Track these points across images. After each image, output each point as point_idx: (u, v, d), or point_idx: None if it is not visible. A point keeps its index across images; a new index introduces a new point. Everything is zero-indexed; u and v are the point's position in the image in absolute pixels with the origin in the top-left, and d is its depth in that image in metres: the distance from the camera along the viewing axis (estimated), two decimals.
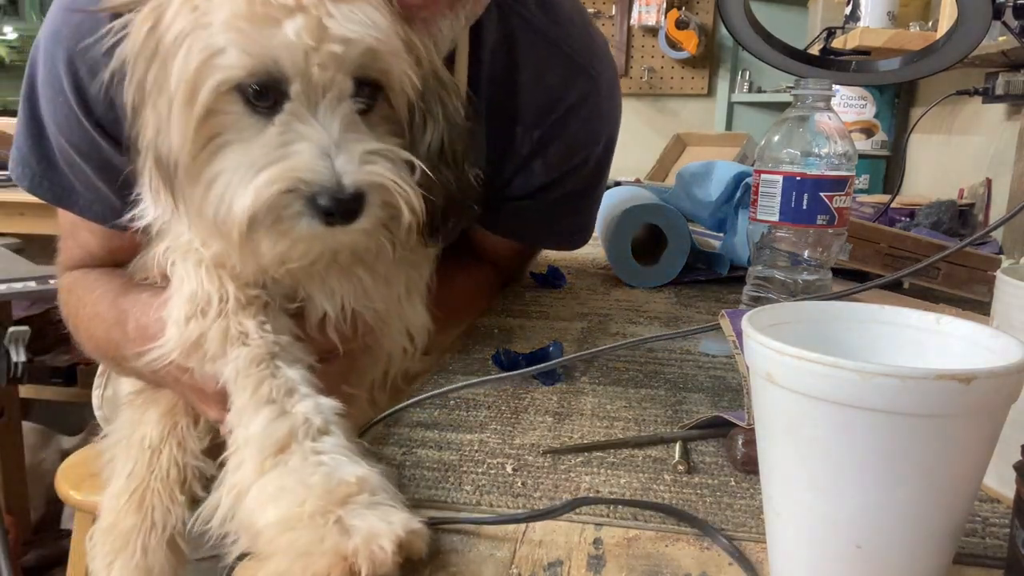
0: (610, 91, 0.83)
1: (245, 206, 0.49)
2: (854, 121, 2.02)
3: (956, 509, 0.33)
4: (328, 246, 0.54)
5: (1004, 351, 0.35)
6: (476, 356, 0.72)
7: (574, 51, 0.79)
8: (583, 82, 0.79)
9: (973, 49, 0.69)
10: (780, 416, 0.34)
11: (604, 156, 0.87)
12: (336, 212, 0.49)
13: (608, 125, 0.85)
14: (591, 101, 0.81)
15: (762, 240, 0.76)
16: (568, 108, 0.79)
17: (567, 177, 0.84)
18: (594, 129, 0.83)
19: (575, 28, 0.80)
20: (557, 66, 0.78)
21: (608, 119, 0.85)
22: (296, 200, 0.49)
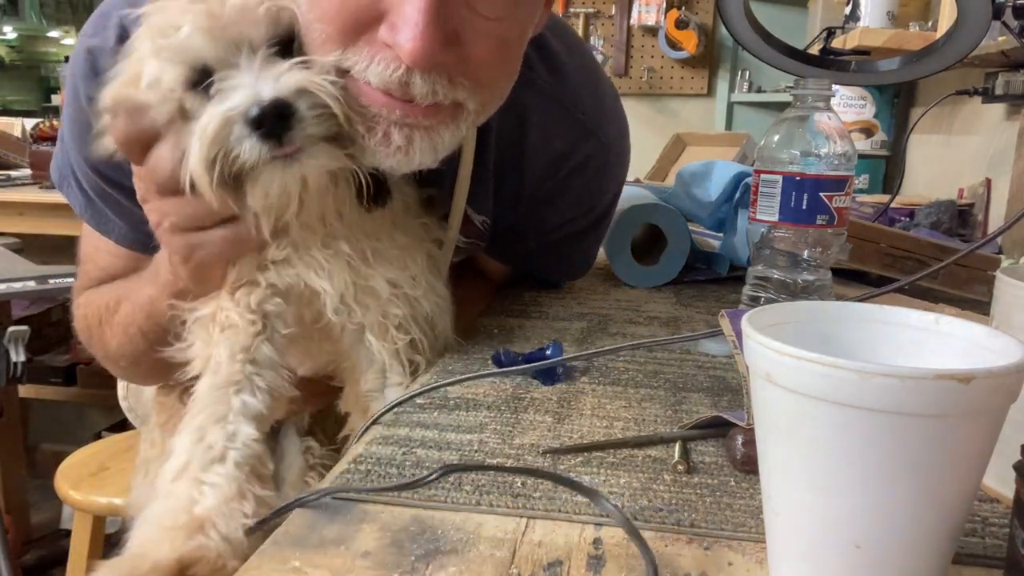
0: (619, 151, 0.86)
1: (195, 151, 0.55)
2: (854, 121, 2.03)
3: (956, 509, 0.33)
4: (291, 180, 0.57)
5: (1004, 351, 0.35)
6: (476, 356, 0.72)
7: (585, 116, 0.81)
8: (591, 145, 0.82)
9: (973, 49, 0.69)
10: (780, 416, 0.34)
11: (612, 202, 0.91)
12: (266, 121, 0.53)
13: (617, 179, 0.89)
14: (598, 161, 0.83)
15: (762, 240, 0.76)
16: (574, 167, 0.82)
17: (573, 223, 0.87)
18: (601, 186, 0.86)
19: (586, 91, 0.82)
20: (566, 129, 0.80)
21: (616, 175, 0.88)
22: (232, 126, 0.54)
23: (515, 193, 0.83)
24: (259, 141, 0.54)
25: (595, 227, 0.92)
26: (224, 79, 0.55)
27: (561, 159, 0.81)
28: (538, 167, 0.81)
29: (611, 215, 0.93)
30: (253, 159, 0.55)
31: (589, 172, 0.83)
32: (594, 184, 0.85)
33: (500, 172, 0.80)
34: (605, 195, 0.88)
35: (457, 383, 0.64)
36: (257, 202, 0.58)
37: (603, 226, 0.94)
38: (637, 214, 1.00)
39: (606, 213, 0.92)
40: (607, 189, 0.88)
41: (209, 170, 0.55)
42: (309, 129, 0.55)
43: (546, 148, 0.80)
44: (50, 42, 4.41)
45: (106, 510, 1.43)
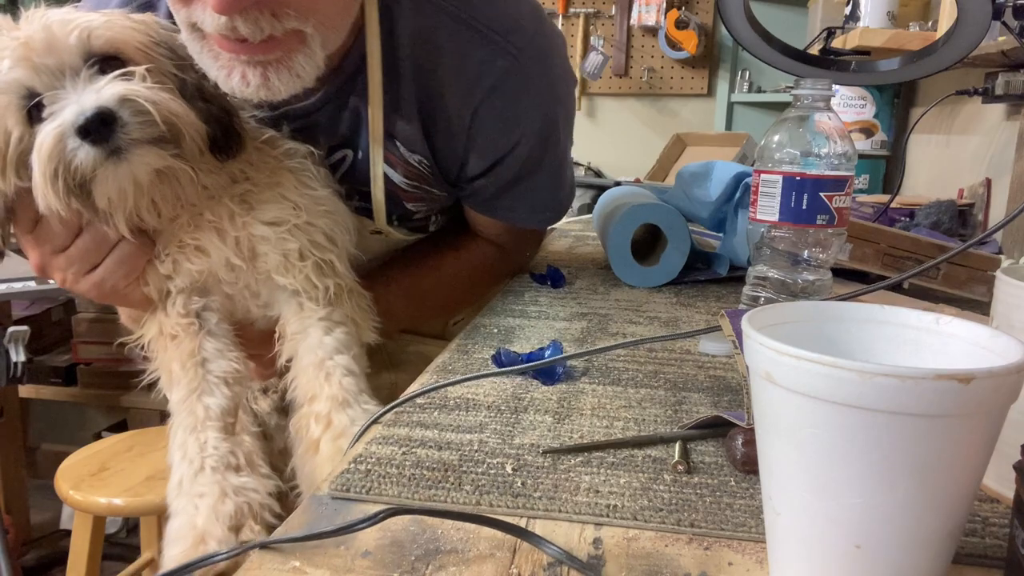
0: (540, 66, 0.81)
1: (37, 170, 0.59)
2: (854, 121, 2.03)
3: (956, 509, 0.33)
4: (125, 180, 0.62)
5: (1004, 351, 0.35)
6: (476, 356, 0.72)
7: (496, 34, 0.78)
8: (505, 63, 0.79)
9: (973, 49, 0.69)
10: (780, 416, 0.34)
11: (548, 131, 0.86)
12: (92, 129, 0.58)
13: (541, 99, 0.83)
14: (515, 80, 0.80)
15: (762, 240, 0.76)
16: (490, 88, 0.79)
17: (513, 155, 0.84)
18: (524, 107, 0.82)
19: (495, 8, 0.79)
20: (477, 49, 0.78)
21: (540, 93, 0.83)
22: (65, 140, 0.58)
23: (447, 127, 0.81)
24: (90, 148, 0.59)
25: (544, 165, 0.88)
26: (52, 101, 0.60)
27: (476, 81, 0.79)
28: (457, 93, 0.79)
29: (556, 151, 0.89)
30: (88, 166, 0.59)
31: (508, 93, 0.80)
32: (517, 106, 0.81)
33: (426, 107, 0.80)
34: (532, 120, 0.83)
35: (457, 383, 0.64)
36: (103, 204, 0.63)
37: (554, 164, 0.90)
38: (637, 214, 1.00)
39: (547, 146, 0.87)
40: (531, 108, 0.83)
41: (53, 185, 0.59)
42: (133, 133, 0.60)
43: (461, 71, 0.79)
44: None
45: (106, 510, 1.43)
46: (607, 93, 2.77)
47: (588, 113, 2.80)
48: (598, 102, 2.80)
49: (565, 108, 0.89)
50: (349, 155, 0.85)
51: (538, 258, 1.23)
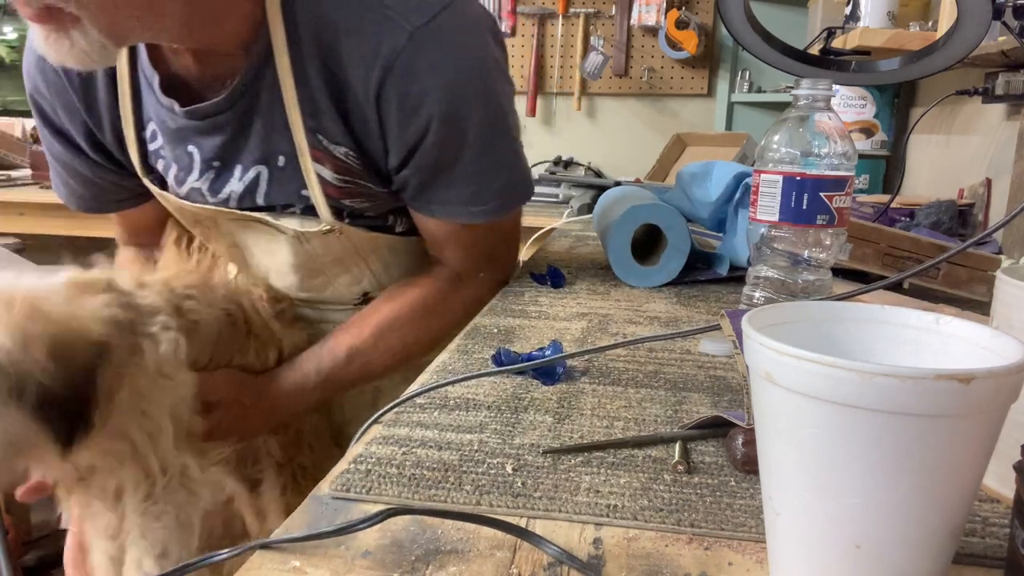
0: (437, 42, 0.77)
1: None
2: (854, 121, 2.02)
3: (956, 509, 0.33)
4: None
5: (1004, 351, 0.35)
6: (476, 356, 0.72)
7: (389, 8, 0.76)
8: (396, 38, 0.75)
9: (973, 49, 0.69)
10: (780, 416, 0.34)
11: (461, 113, 0.79)
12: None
13: (444, 80, 0.77)
14: (406, 57, 0.76)
15: (762, 240, 0.76)
16: (385, 69, 0.76)
17: (426, 141, 0.80)
18: (421, 86, 0.77)
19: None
20: (371, 25, 0.76)
21: (441, 73, 0.77)
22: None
23: (360, 114, 0.79)
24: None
25: (464, 149, 0.82)
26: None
27: (373, 61, 0.76)
28: (360, 76, 0.76)
29: (471, 137, 0.82)
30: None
31: (403, 72, 0.76)
32: (416, 86, 0.76)
33: (336, 94, 0.78)
34: (434, 100, 0.77)
35: (457, 383, 0.64)
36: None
37: (475, 148, 0.83)
38: (637, 214, 1.00)
39: (458, 132, 0.80)
40: (428, 88, 0.77)
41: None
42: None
43: (359, 52, 0.76)
44: None
45: None
46: (607, 93, 2.77)
47: (588, 113, 2.80)
48: (598, 102, 2.80)
49: (481, 89, 0.81)
50: (264, 171, 0.83)
51: (538, 258, 1.23)
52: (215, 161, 0.85)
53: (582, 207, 2.05)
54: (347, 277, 0.94)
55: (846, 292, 0.59)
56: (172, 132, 0.85)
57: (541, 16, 2.75)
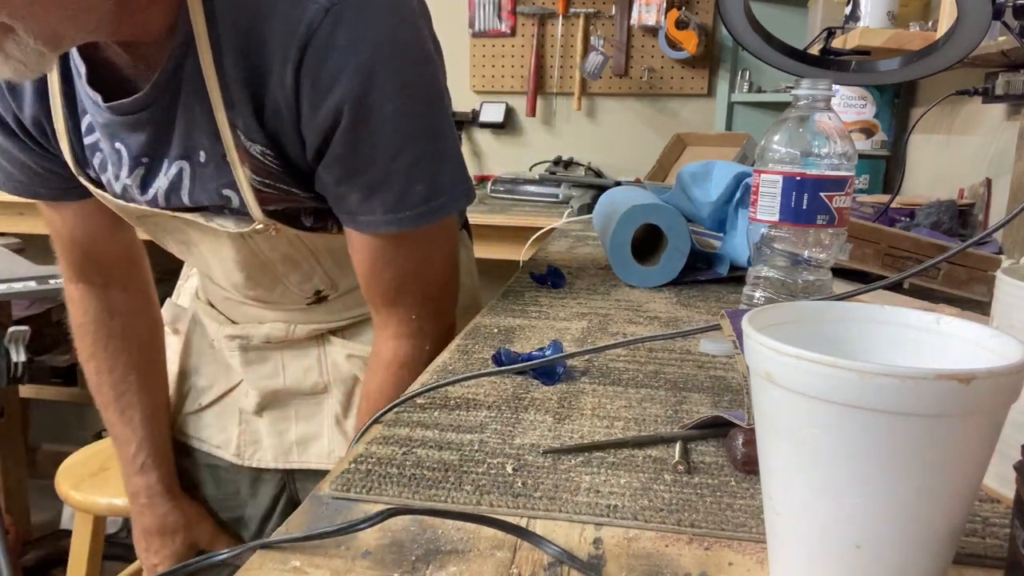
0: (353, 18, 0.71)
1: None
2: (854, 121, 2.02)
3: (956, 509, 0.33)
4: None
5: (1004, 351, 0.35)
6: (476, 356, 0.72)
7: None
8: (314, 14, 0.70)
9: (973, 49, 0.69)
10: (780, 416, 0.34)
11: (373, 98, 0.72)
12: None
13: (353, 57, 0.71)
14: (322, 33, 0.70)
15: (762, 240, 0.76)
16: (301, 47, 0.70)
17: (338, 129, 0.73)
18: (335, 64, 0.71)
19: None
20: (291, 5, 0.70)
21: (351, 50, 0.71)
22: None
23: (276, 105, 0.73)
24: None
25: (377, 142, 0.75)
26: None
27: (290, 39, 0.70)
28: (278, 58, 0.71)
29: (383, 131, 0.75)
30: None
31: (319, 48, 0.70)
32: (330, 63, 0.70)
33: (253, 83, 0.73)
34: (351, 81, 0.71)
35: (457, 383, 0.64)
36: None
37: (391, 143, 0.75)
38: (637, 214, 1.00)
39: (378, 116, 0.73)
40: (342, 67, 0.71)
41: None
42: None
43: (277, 31, 0.71)
44: None
45: (106, 510, 1.43)
46: (607, 93, 2.77)
47: (588, 113, 2.80)
48: (598, 102, 2.80)
49: (401, 71, 0.74)
50: (186, 167, 0.79)
51: (538, 258, 1.23)
52: (143, 158, 0.80)
53: (582, 207, 2.04)
54: (297, 275, 0.90)
55: (846, 292, 0.59)
56: (101, 127, 0.80)
57: (541, 16, 2.75)
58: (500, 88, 2.80)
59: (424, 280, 0.84)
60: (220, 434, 1.05)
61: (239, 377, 1.04)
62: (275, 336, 0.98)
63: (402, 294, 0.83)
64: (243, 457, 1.03)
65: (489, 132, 2.83)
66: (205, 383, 1.07)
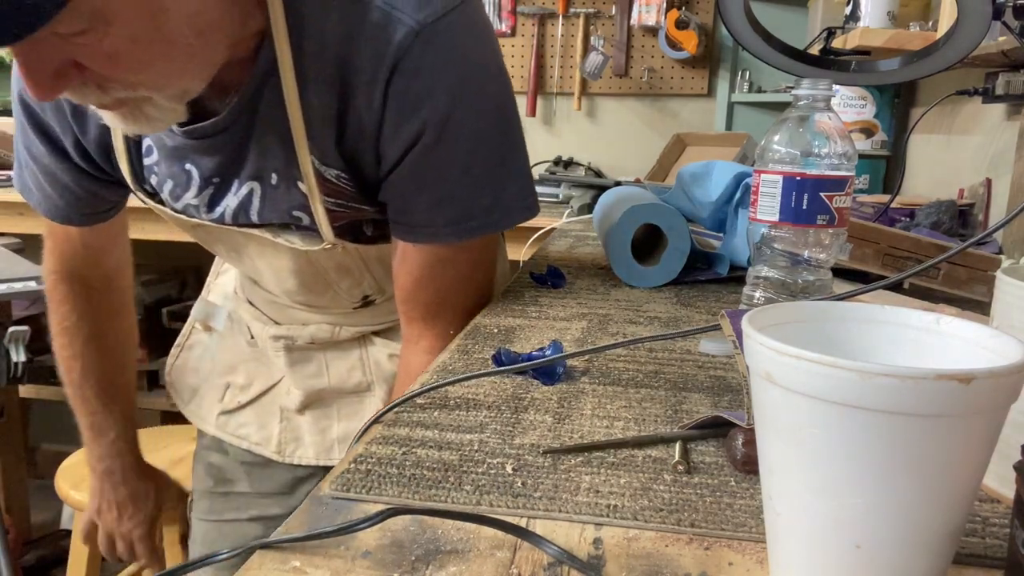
0: (443, 42, 0.73)
1: None
2: (854, 121, 2.02)
3: (956, 509, 0.33)
4: None
5: (1004, 351, 0.35)
6: (476, 356, 0.72)
7: (392, 6, 0.72)
8: (404, 34, 0.71)
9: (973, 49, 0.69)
10: (780, 416, 0.34)
11: (459, 117, 0.75)
12: None
13: (442, 79, 0.73)
14: (414, 53, 0.72)
15: (762, 240, 0.76)
16: (392, 67, 0.72)
17: (419, 144, 0.75)
18: (424, 84, 0.73)
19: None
20: (379, 27, 0.72)
21: (441, 72, 0.73)
22: None
23: (360, 125, 0.75)
24: None
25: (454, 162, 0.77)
26: None
27: (380, 60, 0.72)
28: (366, 78, 0.73)
29: (466, 146, 0.77)
30: None
31: (410, 67, 0.72)
32: (420, 83, 0.73)
33: (340, 108, 0.75)
34: (434, 100, 0.73)
35: (457, 383, 0.64)
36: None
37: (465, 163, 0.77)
38: (637, 214, 1.00)
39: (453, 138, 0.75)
40: (433, 87, 0.73)
41: None
42: None
43: (366, 52, 0.72)
44: None
45: None
46: (607, 93, 2.77)
47: (588, 113, 2.80)
48: (598, 102, 2.80)
49: (486, 95, 0.78)
50: (257, 188, 0.81)
51: (538, 258, 1.23)
52: (215, 178, 0.82)
53: (582, 207, 2.04)
54: (348, 281, 0.92)
55: (846, 292, 0.59)
56: (169, 149, 0.82)
57: (541, 16, 2.75)
58: None
59: (465, 293, 0.85)
60: (260, 431, 1.07)
61: (280, 374, 1.05)
62: (320, 337, 1.00)
63: (444, 308, 0.85)
64: (284, 454, 1.05)
65: None
66: (244, 381, 1.08)
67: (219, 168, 0.81)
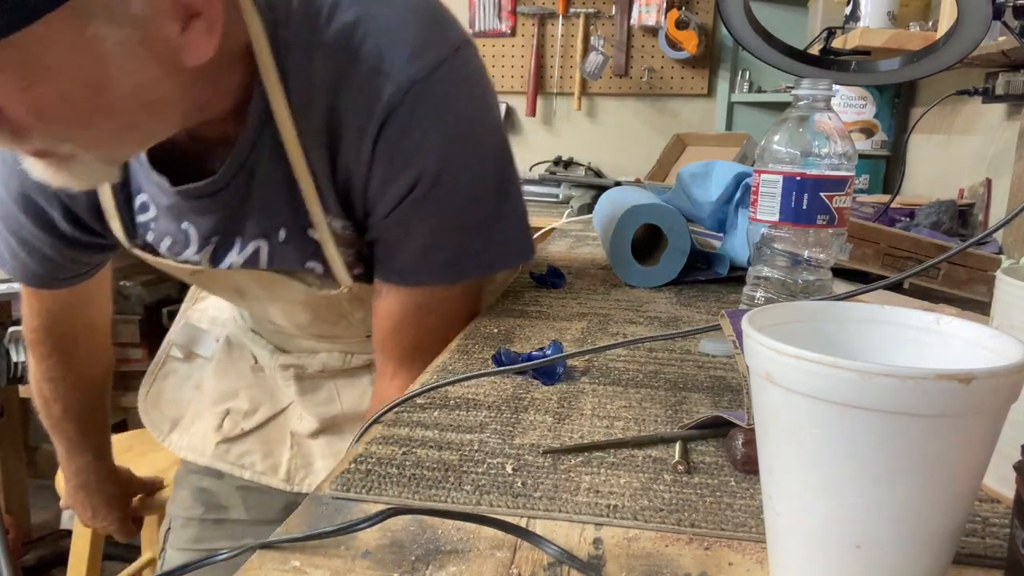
0: (435, 96, 0.71)
1: None
2: (854, 121, 2.03)
3: (956, 509, 0.33)
4: None
5: (1004, 351, 0.35)
6: (476, 356, 0.72)
7: (382, 59, 0.69)
8: (394, 90, 0.69)
9: (973, 49, 0.69)
10: (780, 416, 0.34)
11: (452, 171, 0.73)
12: None
13: (434, 133, 0.71)
14: (404, 109, 0.70)
15: (762, 240, 0.76)
16: (381, 121, 0.70)
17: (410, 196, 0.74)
18: (416, 138, 0.71)
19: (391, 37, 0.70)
20: (368, 81, 0.70)
21: (432, 126, 0.71)
22: None
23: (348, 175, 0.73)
24: None
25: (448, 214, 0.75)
26: None
27: (369, 114, 0.70)
28: (354, 132, 0.71)
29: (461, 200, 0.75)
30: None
31: (401, 123, 0.70)
32: (411, 137, 0.71)
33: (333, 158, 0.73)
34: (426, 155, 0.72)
35: (457, 383, 0.64)
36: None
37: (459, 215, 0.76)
38: (637, 214, 1.00)
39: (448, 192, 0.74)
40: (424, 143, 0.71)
41: None
42: None
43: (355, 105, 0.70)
44: None
45: None
46: (607, 93, 2.77)
47: (588, 113, 2.80)
48: (598, 102, 2.80)
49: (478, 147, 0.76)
50: (264, 245, 0.78)
51: (538, 258, 1.23)
52: (214, 236, 0.79)
53: (582, 207, 2.05)
54: (362, 311, 0.88)
55: (846, 292, 0.59)
56: (165, 207, 0.78)
57: (541, 16, 2.75)
58: (500, 88, 2.80)
59: (445, 338, 0.82)
60: (266, 460, 1.03)
61: (288, 400, 1.03)
62: (332, 366, 0.99)
63: (422, 351, 0.81)
64: (293, 482, 1.01)
65: None
66: (248, 407, 1.04)
67: (218, 227, 0.78)
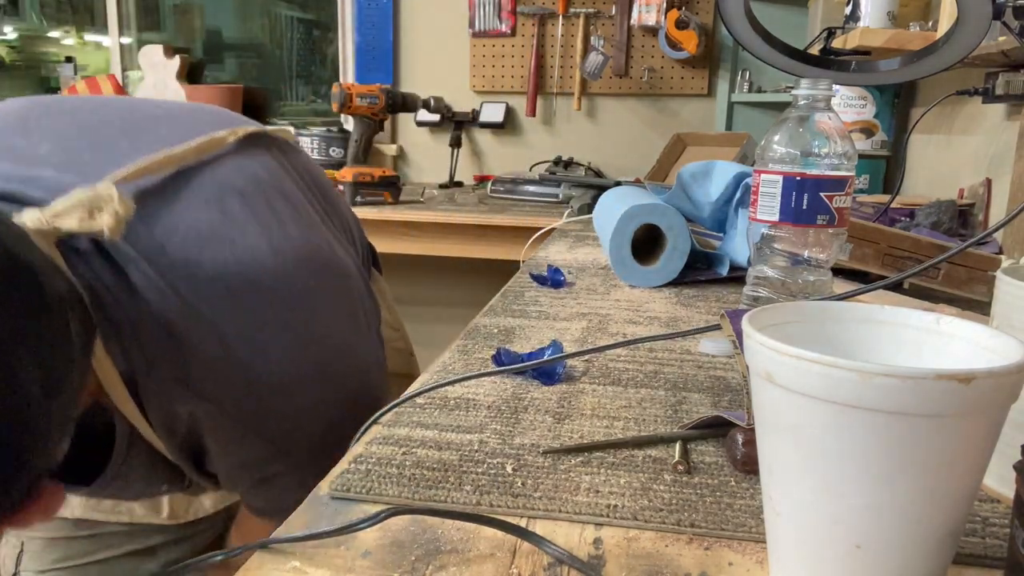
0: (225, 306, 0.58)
1: None
2: (854, 121, 2.02)
3: (956, 509, 0.33)
4: None
5: (1004, 351, 0.35)
6: (476, 356, 0.72)
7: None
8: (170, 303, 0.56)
9: (973, 49, 0.69)
10: (780, 416, 0.34)
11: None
12: None
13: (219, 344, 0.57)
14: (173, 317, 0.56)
15: (762, 240, 0.76)
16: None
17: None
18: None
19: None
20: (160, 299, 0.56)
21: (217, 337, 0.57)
22: None
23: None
24: None
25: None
26: None
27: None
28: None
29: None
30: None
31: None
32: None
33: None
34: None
35: (457, 383, 0.64)
36: None
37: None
38: (637, 214, 1.00)
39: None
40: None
41: None
42: None
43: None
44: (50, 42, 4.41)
45: None
46: (607, 93, 2.77)
47: (588, 113, 2.80)
48: (598, 102, 2.80)
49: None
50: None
51: (538, 258, 1.23)
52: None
53: (582, 207, 2.04)
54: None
55: (846, 292, 0.59)
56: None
57: (541, 16, 2.75)
58: (500, 88, 2.80)
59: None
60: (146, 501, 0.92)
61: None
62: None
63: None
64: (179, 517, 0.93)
65: (489, 132, 2.84)
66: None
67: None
